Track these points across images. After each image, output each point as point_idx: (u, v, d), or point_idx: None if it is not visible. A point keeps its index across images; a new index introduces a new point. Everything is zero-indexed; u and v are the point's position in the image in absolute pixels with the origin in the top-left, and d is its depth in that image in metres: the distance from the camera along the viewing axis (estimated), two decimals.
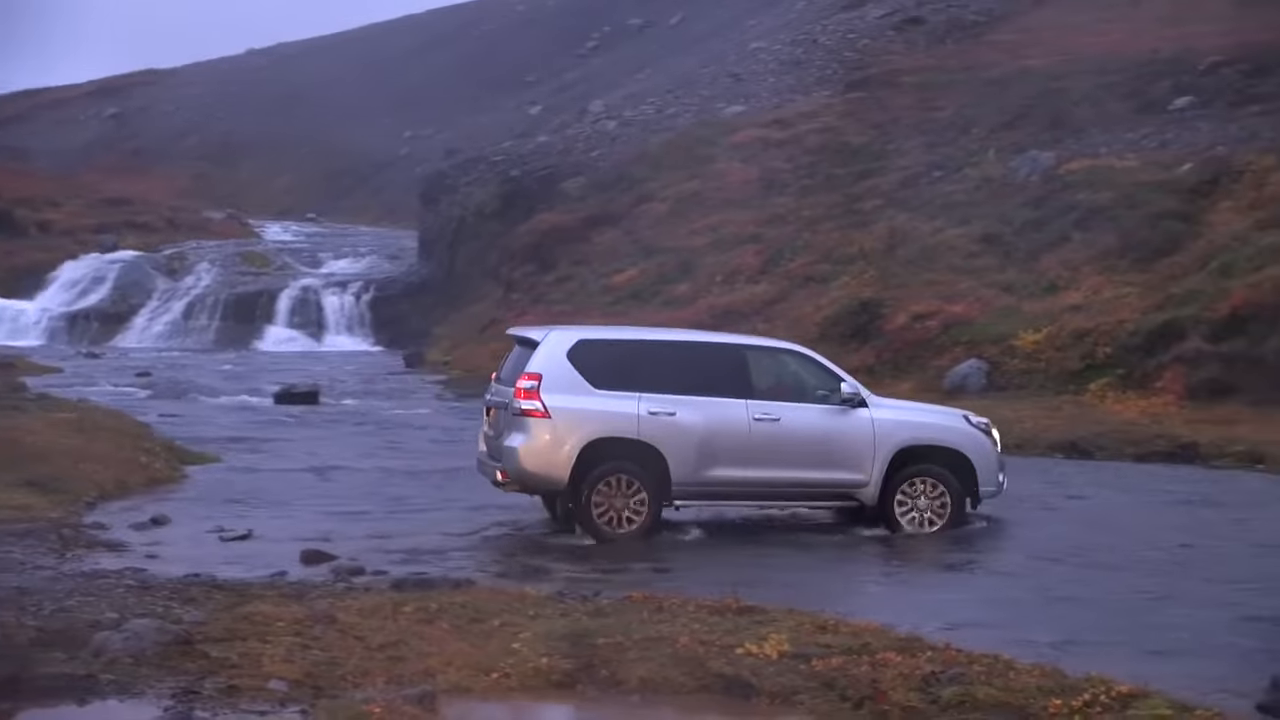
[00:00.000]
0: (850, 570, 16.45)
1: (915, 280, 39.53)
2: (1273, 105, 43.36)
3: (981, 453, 18.51)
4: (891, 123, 52.86)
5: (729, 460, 17.74)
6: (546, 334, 18.26)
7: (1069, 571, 15.99)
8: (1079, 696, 9.83)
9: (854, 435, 18.00)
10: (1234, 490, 22.49)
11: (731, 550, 17.30)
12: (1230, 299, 32.11)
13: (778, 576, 15.15)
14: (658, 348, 18.67)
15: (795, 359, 18.92)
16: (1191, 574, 15.96)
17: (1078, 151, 44.21)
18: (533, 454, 17.39)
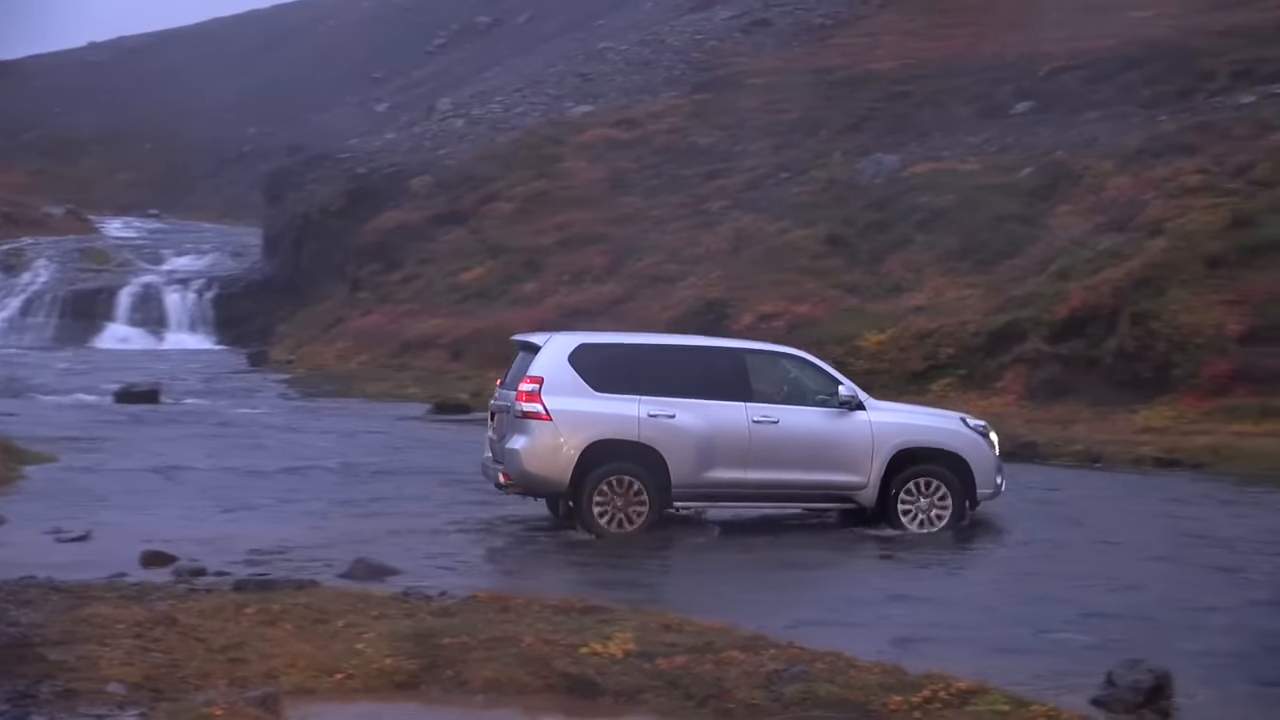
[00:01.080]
0: (707, 570, 16.48)
1: (761, 281, 39.81)
2: (1111, 111, 44.19)
3: (979, 455, 18.62)
4: (738, 124, 53.20)
5: (728, 462, 17.89)
6: (548, 339, 18.44)
7: (911, 569, 16.16)
8: (919, 693, 9.93)
9: (852, 438, 18.18)
10: (1072, 487, 22.85)
11: (584, 549, 17.27)
12: (1069, 301, 32.66)
13: (627, 576, 15.16)
14: (657, 351, 18.83)
15: (794, 362, 19.06)
16: (1032, 570, 16.20)
17: (921, 154, 44.78)
18: (535, 456, 17.56)
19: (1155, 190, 36.47)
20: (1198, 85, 44.14)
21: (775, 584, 15.49)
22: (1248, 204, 33.78)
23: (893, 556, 16.73)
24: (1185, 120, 40.80)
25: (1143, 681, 10.37)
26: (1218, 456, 24.72)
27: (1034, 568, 16.42)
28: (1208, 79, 44.31)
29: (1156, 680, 10.39)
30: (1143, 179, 37.50)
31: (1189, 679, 10.82)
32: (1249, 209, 33.47)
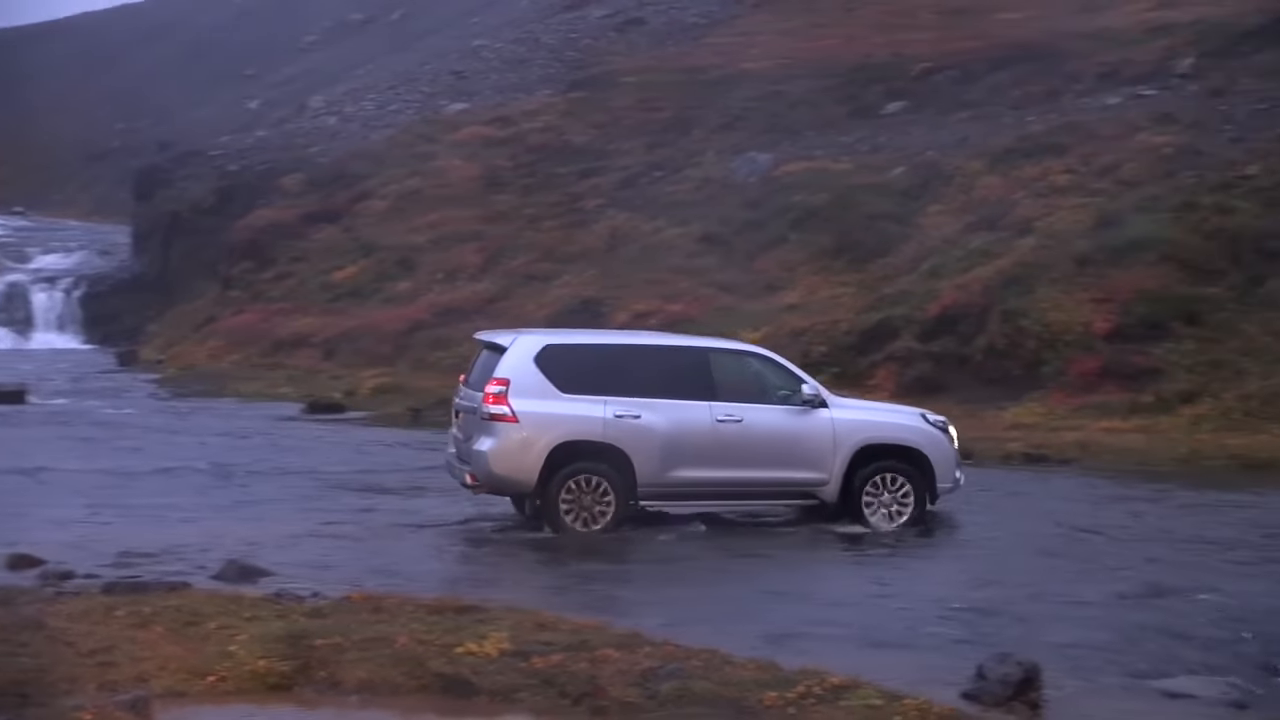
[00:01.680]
0: (586, 569, 16.47)
1: (636, 279, 39.88)
2: (981, 111, 44.70)
3: (939, 450, 18.86)
4: (613, 123, 53.22)
5: (693, 461, 18.01)
6: (514, 339, 18.43)
7: (786, 567, 16.26)
8: (793, 688, 10.00)
9: (815, 435, 18.35)
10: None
11: (465, 547, 17.22)
12: (940, 299, 32.98)
13: (491, 574, 15.13)
14: (622, 351, 18.93)
15: (757, 360, 19.22)
16: (905, 566, 16.37)
17: (795, 154, 45.03)
18: (502, 457, 17.59)
19: (1024, 190, 36.96)
20: (1065, 86, 44.76)
21: (655, 582, 15.52)
22: (1114, 204, 34.34)
23: (772, 555, 16.80)
24: (1053, 121, 41.34)
25: (1012, 675, 10.51)
26: (1086, 452, 25.08)
27: (908, 564, 16.58)
28: (1075, 80, 44.95)
29: (1026, 673, 10.54)
30: (1012, 179, 37.98)
31: (1058, 671, 10.98)
32: (1115, 209, 34.02)
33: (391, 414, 33.10)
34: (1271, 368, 28.22)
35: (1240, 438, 25.81)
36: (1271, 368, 28.22)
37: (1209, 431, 26.28)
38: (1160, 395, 28.28)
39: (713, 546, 17.42)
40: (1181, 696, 10.91)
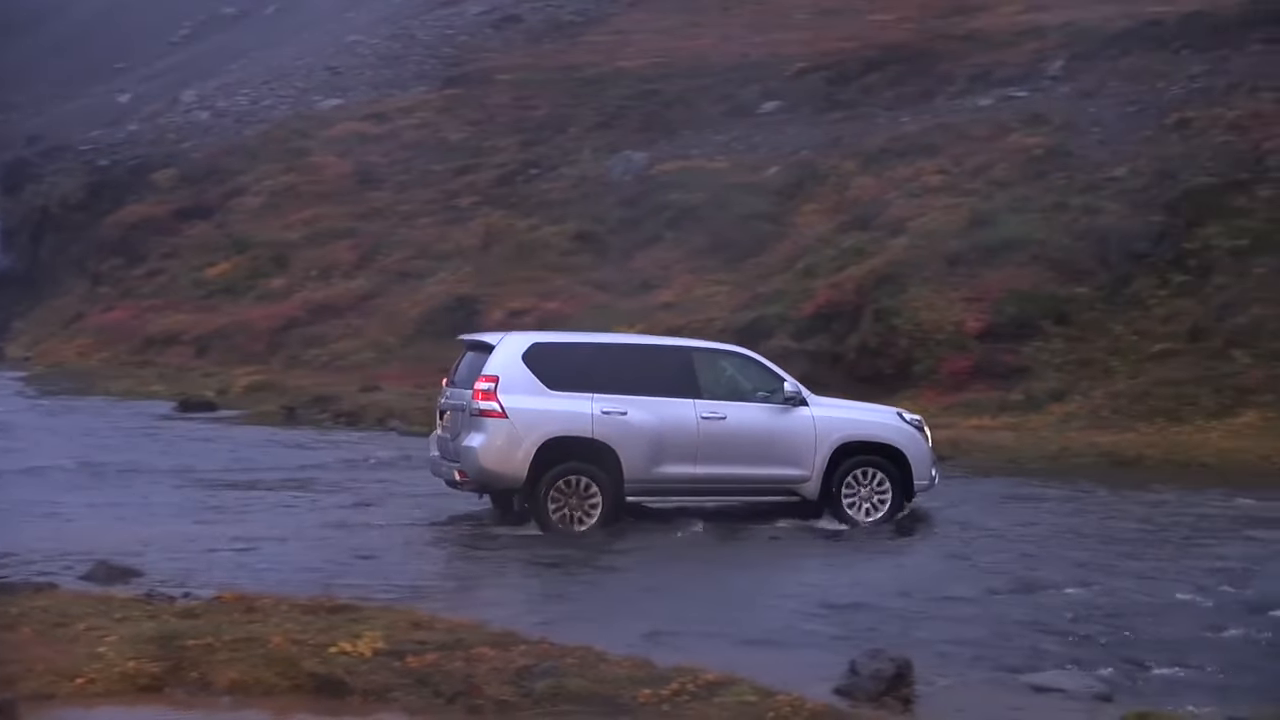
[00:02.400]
0: (466, 568, 16.41)
1: (512, 277, 39.85)
2: (855, 111, 45.08)
3: (915, 448, 19.18)
4: (489, 120, 53.16)
5: (678, 457, 18.22)
6: (502, 338, 18.63)
7: (664, 563, 16.28)
8: (668, 686, 10.01)
9: (796, 432, 18.63)
10: None
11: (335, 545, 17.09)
12: (814, 298, 33.24)
13: (376, 572, 15.03)
14: (608, 350, 19.11)
15: (739, 360, 19.48)
16: (782, 564, 16.45)
17: (670, 152, 45.18)
18: (491, 453, 17.71)
19: (897, 190, 37.33)
20: (938, 87, 45.24)
21: (533, 580, 15.49)
22: (986, 204, 34.76)
23: (650, 551, 16.81)
24: (926, 122, 41.77)
25: (884, 670, 10.60)
26: (957, 449, 25.33)
27: (785, 561, 16.67)
28: (948, 81, 45.44)
29: (898, 669, 10.64)
30: (885, 179, 38.34)
31: (929, 667, 11.09)
32: (987, 209, 34.44)
33: (265, 412, 32.83)
34: (1138, 366, 28.69)
35: (1108, 435, 26.22)
36: (1138, 366, 28.69)
37: (1078, 429, 26.66)
38: (1030, 393, 28.66)
39: (595, 545, 17.42)
40: (1050, 690, 11.05)
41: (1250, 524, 19.00)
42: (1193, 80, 38.66)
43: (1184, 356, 28.70)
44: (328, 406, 33.10)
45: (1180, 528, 18.74)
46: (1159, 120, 36.25)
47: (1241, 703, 10.32)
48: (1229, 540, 17.79)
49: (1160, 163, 33.94)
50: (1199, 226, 31.26)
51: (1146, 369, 28.58)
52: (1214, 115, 34.99)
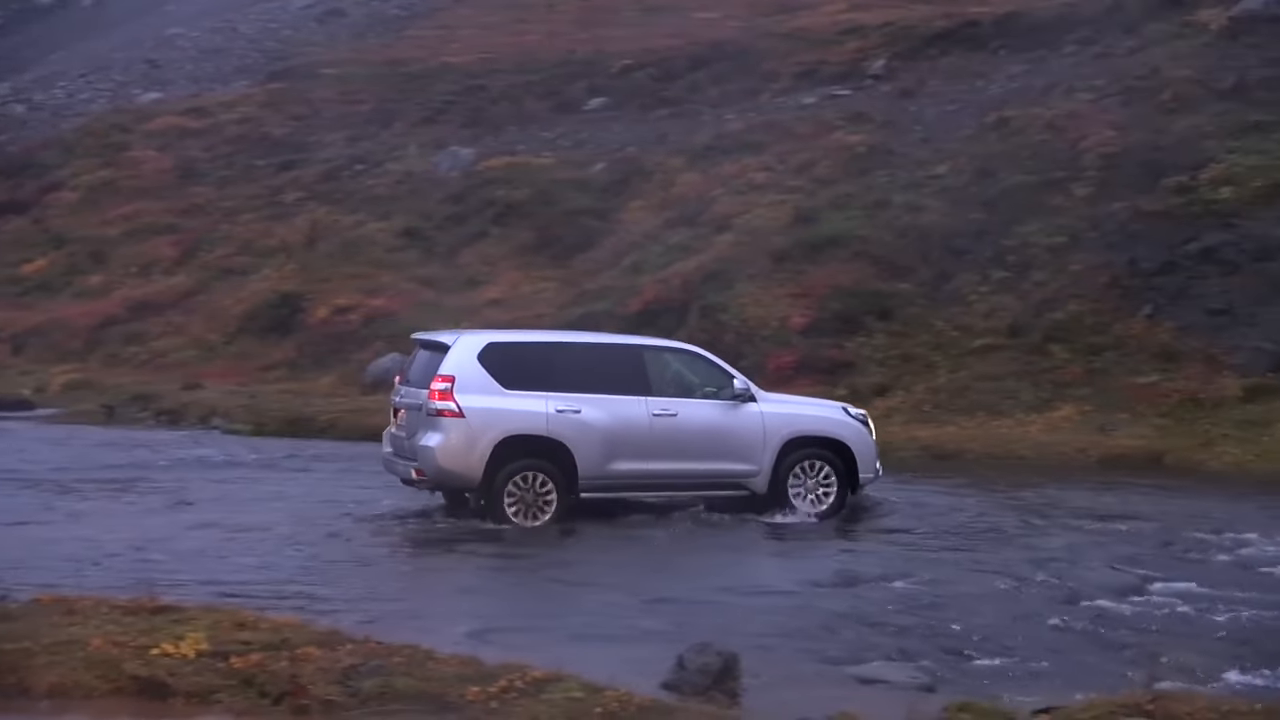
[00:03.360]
0: (287, 564, 16.21)
1: (337, 273, 39.49)
2: (680, 108, 45.30)
3: (861, 442, 19.60)
4: (313, 115, 52.65)
5: (631, 454, 18.59)
6: (457, 337, 18.90)
7: (491, 563, 16.22)
8: (496, 683, 9.99)
9: (745, 428, 19.02)
10: None
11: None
12: (641, 294, 33.33)
13: (199, 573, 14.81)
14: (562, 349, 19.40)
15: (689, 358, 19.84)
16: (603, 560, 16.48)
17: (497, 148, 45.07)
18: (449, 452, 17.97)
19: (723, 187, 37.56)
20: (762, 85, 45.59)
21: (365, 579, 15.34)
22: (810, 201, 35.10)
23: (475, 552, 16.75)
24: (751, 119, 42.07)
25: (711, 664, 10.66)
26: None
27: (609, 558, 16.70)
28: (772, 79, 45.81)
29: (725, 663, 10.70)
30: (711, 176, 38.56)
31: (756, 660, 11.16)
32: (811, 206, 34.78)
33: (84, 411, 32.24)
34: (958, 361, 29.14)
35: (929, 429, 26.62)
36: (958, 361, 29.14)
37: (900, 423, 27.00)
38: (854, 388, 28.94)
39: (418, 540, 17.33)
40: (874, 682, 11.19)
41: (1066, 515, 19.40)
42: (1011, 80, 39.36)
43: (1003, 352, 29.21)
44: (148, 405, 32.61)
45: (999, 519, 19.08)
46: (978, 119, 36.84)
47: (1059, 691, 10.52)
48: (1045, 532, 18.15)
49: (980, 161, 34.50)
50: (1018, 224, 31.82)
51: (967, 364, 29.04)
52: (1032, 115, 35.63)
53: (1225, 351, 27.27)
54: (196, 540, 16.82)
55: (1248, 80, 33.73)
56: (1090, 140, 33.33)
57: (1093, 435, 25.82)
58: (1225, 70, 34.57)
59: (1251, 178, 30.12)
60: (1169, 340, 27.96)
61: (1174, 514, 19.42)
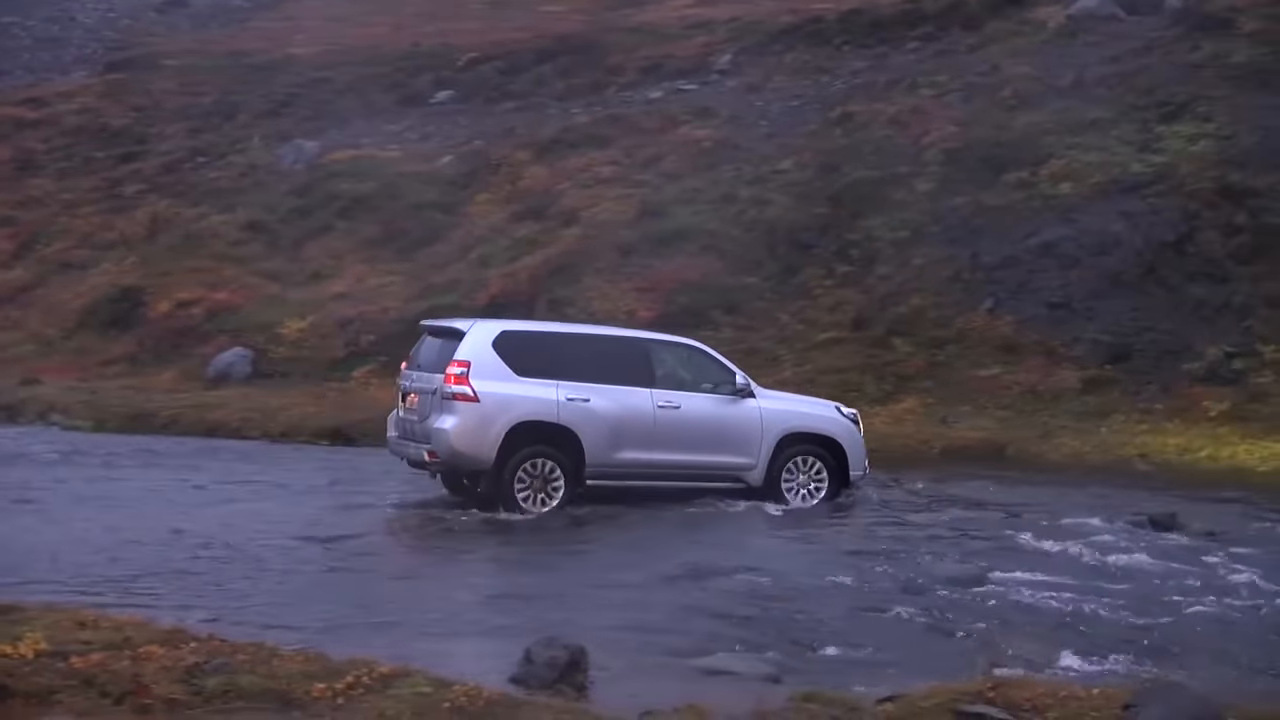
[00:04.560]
0: (119, 559, 15.96)
1: (179, 267, 38.95)
2: (527, 102, 45.25)
3: (851, 440, 20.26)
4: (154, 106, 51.89)
5: (636, 443, 19.25)
6: (471, 325, 19.51)
7: (341, 558, 16.08)
8: (342, 679, 9.91)
9: (744, 422, 19.70)
10: None
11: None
12: (488, 288, 33.26)
13: (53, 574, 14.55)
14: (572, 339, 20.04)
15: (693, 353, 20.41)
16: (458, 554, 16.41)
17: (342, 141, 44.72)
18: (463, 434, 18.49)
19: (570, 181, 37.57)
20: (609, 79, 45.68)
21: (214, 575, 15.15)
22: (656, 196, 35.23)
23: (325, 549, 16.58)
24: (597, 113, 42.13)
25: (559, 658, 10.67)
26: None
27: (461, 551, 16.64)
28: (619, 73, 45.91)
29: (572, 656, 10.71)
30: (557, 169, 38.55)
31: (603, 653, 11.19)
32: (658, 200, 34.91)
33: None
34: (804, 355, 29.40)
35: None
36: (804, 355, 29.40)
37: None
38: None
39: (283, 537, 17.16)
40: (721, 673, 11.26)
41: (909, 507, 19.67)
42: (855, 76, 39.76)
43: (848, 345, 29.53)
44: None
45: (843, 512, 19.31)
46: (823, 115, 37.17)
47: (903, 679, 10.65)
48: (890, 522, 18.39)
49: (825, 156, 34.83)
50: (862, 219, 32.18)
51: (812, 357, 29.30)
52: (875, 110, 36.03)
53: (1064, 344, 27.79)
54: (35, 538, 16.52)
55: (1086, 78, 34.37)
56: (933, 136, 33.78)
57: (936, 427, 26.19)
58: (1064, 68, 35.20)
59: (1090, 173, 30.71)
60: (1010, 333, 28.44)
61: (1014, 504, 19.75)
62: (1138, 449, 24.66)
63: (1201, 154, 30.20)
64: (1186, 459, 24.08)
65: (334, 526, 17.53)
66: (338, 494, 20.50)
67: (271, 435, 28.16)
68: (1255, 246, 28.17)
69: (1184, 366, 26.78)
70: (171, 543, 16.49)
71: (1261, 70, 32.21)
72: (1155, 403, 26.25)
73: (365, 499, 19.95)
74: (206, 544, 16.23)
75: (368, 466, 22.91)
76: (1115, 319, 27.91)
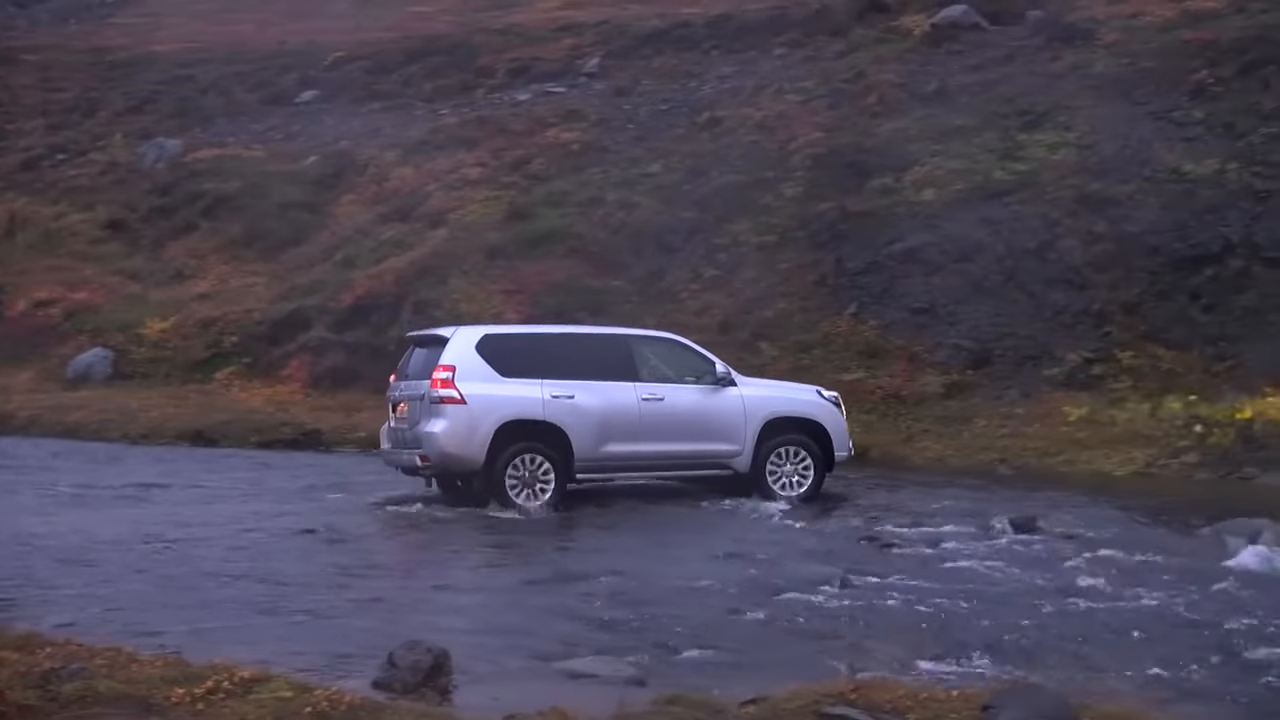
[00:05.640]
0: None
1: (37, 266, 38.39)
2: (394, 102, 45.05)
3: (834, 422, 21.02)
4: (12, 102, 51.07)
5: (622, 436, 19.85)
6: (454, 331, 20.06)
7: (202, 562, 15.91)
8: (202, 684, 9.79)
9: (727, 411, 20.37)
10: (359, 473, 23.11)
11: None
12: (353, 289, 33.09)
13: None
14: (554, 339, 20.70)
15: (673, 346, 21.21)
16: (315, 557, 16.27)
17: (206, 140, 44.31)
18: (452, 437, 19.13)
19: (437, 182, 37.45)
20: (477, 81, 45.60)
21: (62, 578, 14.92)
22: (524, 197, 35.21)
23: (184, 553, 16.38)
24: (466, 114, 42.03)
25: (422, 661, 10.60)
26: None
27: (315, 555, 16.50)
28: (487, 75, 45.84)
29: (436, 659, 10.65)
30: (425, 170, 38.43)
31: (467, 657, 11.15)
32: (525, 202, 34.90)
33: None
34: None
35: None
36: None
37: None
38: None
39: (144, 539, 16.92)
40: (584, 676, 11.25)
41: (773, 511, 19.75)
42: (722, 81, 39.96)
43: (714, 348, 29.46)
44: None
45: (709, 514, 19.39)
46: (690, 119, 37.32)
47: (766, 682, 10.70)
48: (751, 526, 18.49)
49: (692, 160, 34.97)
50: (728, 222, 32.34)
51: None
52: (742, 115, 36.23)
53: (927, 349, 28.10)
54: None
55: (949, 85, 34.78)
56: (799, 141, 34.03)
57: None
58: (928, 75, 35.61)
59: (953, 180, 31.07)
60: (874, 338, 28.71)
61: (876, 507, 19.94)
62: (999, 453, 25.02)
63: (1062, 162, 30.65)
64: (1046, 463, 24.46)
65: (187, 528, 17.36)
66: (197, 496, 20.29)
67: (132, 437, 27.85)
68: (1114, 254, 28.63)
69: (1044, 372, 27.17)
70: (28, 548, 16.23)
71: (1120, 80, 32.75)
72: (1016, 407, 26.61)
73: (231, 500, 19.77)
74: (63, 549, 15.97)
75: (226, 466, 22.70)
76: (977, 324, 28.26)
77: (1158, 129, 30.73)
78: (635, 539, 17.45)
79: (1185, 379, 26.27)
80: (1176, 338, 27.10)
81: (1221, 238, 27.93)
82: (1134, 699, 10.24)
